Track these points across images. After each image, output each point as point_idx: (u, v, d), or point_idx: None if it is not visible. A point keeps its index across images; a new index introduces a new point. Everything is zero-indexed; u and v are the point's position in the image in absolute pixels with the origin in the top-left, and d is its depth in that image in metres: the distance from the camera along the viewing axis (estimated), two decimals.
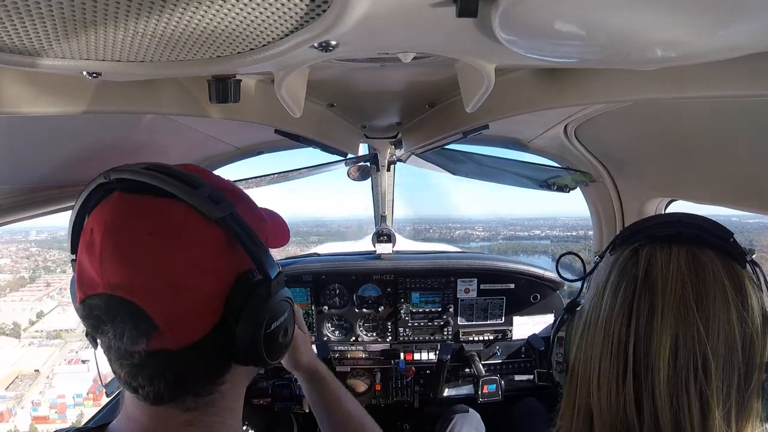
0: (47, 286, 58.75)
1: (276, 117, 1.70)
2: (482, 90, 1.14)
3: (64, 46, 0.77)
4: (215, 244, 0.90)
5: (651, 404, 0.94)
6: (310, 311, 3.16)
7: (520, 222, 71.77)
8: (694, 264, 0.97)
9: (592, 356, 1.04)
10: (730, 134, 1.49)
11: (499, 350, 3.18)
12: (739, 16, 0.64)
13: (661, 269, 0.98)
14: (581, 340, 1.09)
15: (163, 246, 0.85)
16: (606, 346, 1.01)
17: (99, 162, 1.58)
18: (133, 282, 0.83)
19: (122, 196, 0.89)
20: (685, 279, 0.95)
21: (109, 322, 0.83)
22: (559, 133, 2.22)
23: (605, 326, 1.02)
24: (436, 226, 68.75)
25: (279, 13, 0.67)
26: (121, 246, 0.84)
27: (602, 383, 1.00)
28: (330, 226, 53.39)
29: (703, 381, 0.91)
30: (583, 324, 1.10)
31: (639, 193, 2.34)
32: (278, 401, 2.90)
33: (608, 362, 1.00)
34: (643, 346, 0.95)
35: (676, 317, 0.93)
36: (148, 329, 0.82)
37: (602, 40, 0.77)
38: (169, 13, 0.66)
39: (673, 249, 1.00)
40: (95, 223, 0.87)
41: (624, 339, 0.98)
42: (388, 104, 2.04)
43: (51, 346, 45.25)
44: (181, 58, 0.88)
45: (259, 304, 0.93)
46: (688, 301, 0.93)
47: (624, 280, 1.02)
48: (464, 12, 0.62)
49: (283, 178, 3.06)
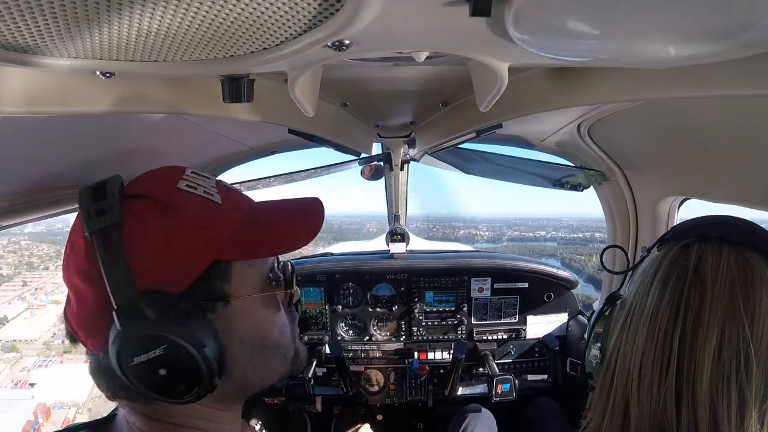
0: (23, 286, 57.04)
1: (289, 116, 1.70)
2: (495, 89, 1.14)
3: (77, 46, 0.78)
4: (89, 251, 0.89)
5: (691, 398, 0.94)
6: (324, 311, 3.17)
7: (525, 222, 71.34)
8: (743, 265, 0.98)
9: (634, 348, 1.04)
10: (745, 132, 1.48)
11: (513, 349, 3.17)
12: (753, 14, 0.64)
13: (712, 266, 0.99)
14: (622, 332, 1.10)
15: (74, 255, 0.89)
16: (651, 337, 1.01)
17: (110, 161, 1.59)
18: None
19: None
20: (735, 278, 0.96)
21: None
22: (572, 132, 2.21)
23: (651, 318, 1.02)
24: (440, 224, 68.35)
25: (292, 12, 0.67)
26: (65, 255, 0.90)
27: (644, 375, 1.01)
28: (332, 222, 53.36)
29: (744, 379, 0.91)
30: (625, 315, 1.11)
31: (653, 192, 2.32)
32: (292, 401, 2.91)
33: (652, 354, 1.00)
34: (689, 340, 0.96)
35: (724, 313, 0.94)
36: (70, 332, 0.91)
37: (615, 38, 0.77)
38: (182, 13, 0.66)
39: (724, 248, 1.01)
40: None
41: (670, 332, 0.98)
42: (401, 103, 2.04)
43: (2, 362, 41.59)
44: (194, 58, 0.89)
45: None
46: (736, 299, 0.94)
47: (674, 274, 1.03)
48: (477, 11, 0.62)
49: (296, 177, 3.07)
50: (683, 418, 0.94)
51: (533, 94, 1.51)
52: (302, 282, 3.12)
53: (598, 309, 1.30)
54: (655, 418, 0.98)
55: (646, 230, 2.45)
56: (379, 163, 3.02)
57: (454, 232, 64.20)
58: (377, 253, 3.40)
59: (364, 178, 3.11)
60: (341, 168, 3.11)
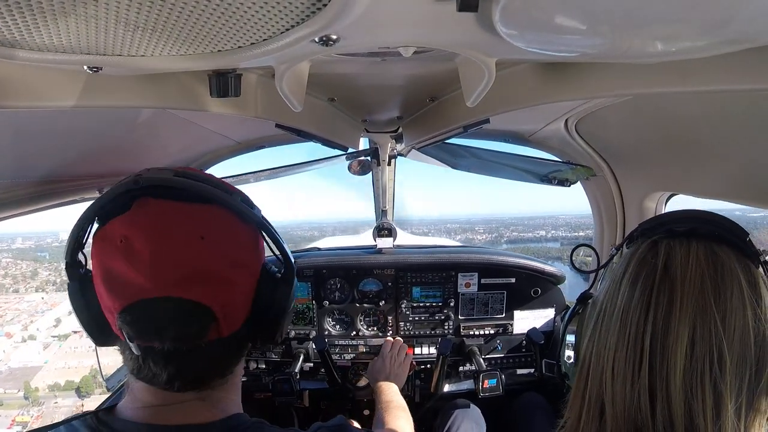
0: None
1: (277, 111, 1.70)
2: (483, 84, 1.14)
3: (64, 40, 0.78)
4: (253, 241, 1.07)
5: (665, 396, 0.94)
6: (311, 305, 3.16)
7: (521, 221, 70.84)
8: (713, 259, 0.98)
9: (606, 347, 1.04)
10: (732, 128, 1.49)
11: (500, 345, 3.18)
12: (739, 10, 0.64)
13: (681, 262, 0.99)
14: (594, 332, 1.10)
15: (213, 247, 0.95)
16: (622, 337, 1.01)
17: (99, 157, 1.59)
18: (192, 282, 0.91)
19: (159, 202, 0.95)
20: (704, 273, 0.96)
21: (171, 323, 0.92)
22: (559, 128, 2.22)
23: (622, 317, 1.02)
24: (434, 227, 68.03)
25: (280, 8, 0.67)
26: (174, 251, 0.92)
27: (617, 374, 1.01)
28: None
29: (718, 375, 0.91)
30: (597, 315, 1.11)
31: (640, 187, 2.34)
32: (279, 396, 2.90)
33: (623, 353, 1.00)
34: (660, 338, 0.96)
35: (694, 310, 0.94)
36: (209, 321, 0.94)
37: (602, 33, 0.77)
38: (170, 7, 0.66)
39: (692, 243, 1.01)
40: (131, 229, 0.92)
41: (641, 330, 0.98)
42: (388, 98, 2.04)
43: None
44: (182, 53, 0.88)
45: (287, 291, 1.11)
46: (707, 294, 0.94)
47: (643, 272, 1.03)
48: (465, 6, 0.62)
49: (284, 172, 3.07)
50: (658, 415, 0.95)
51: (521, 89, 1.51)
52: None
53: (570, 309, 1.31)
54: (630, 416, 0.98)
55: (634, 226, 2.45)
56: (367, 158, 3.02)
57: (451, 236, 63.78)
58: (364, 248, 3.40)
59: (352, 173, 3.11)
60: (329, 163, 3.11)
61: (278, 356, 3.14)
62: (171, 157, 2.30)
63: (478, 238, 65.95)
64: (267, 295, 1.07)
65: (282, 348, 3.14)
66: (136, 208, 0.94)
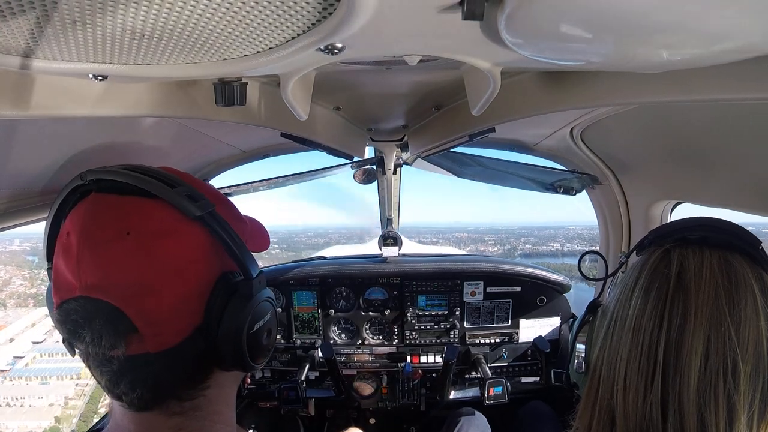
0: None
1: (282, 120, 1.70)
2: (488, 93, 1.14)
3: (70, 49, 0.78)
4: (195, 244, 0.90)
5: (678, 408, 0.93)
6: (317, 314, 3.16)
7: (531, 231, 69.68)
8: (726, 269, 0.96)
9: (618, 358, 1.03)
10: (737, 136, 1.49)
11: (506, 353, 3.17)
12: (745, 19, 0.64)
13: (694, 272, 0.97)
14: (605, 342, 1.08)
15: (141, 245, 0.84)
16: (635, 348, 0.99)
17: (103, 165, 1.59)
18: (110, 283, 0.82)
19: (99, 197, 0.89)
20: (718, 283, 0.95)
21: (86, 326, 0.81)
22: (565, 136, 2.21)
23: (634, 328, 1.00)
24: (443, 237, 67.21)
25: (285, 16, 0.67)
26: (97, 247, 0.83)
27: (629, 385, 0.99)
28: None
29: (732, 386, 0.90)
30: (608, 324, 1.09)
31: (645, 196, 2.33)
32: (285, 404, 2.90)
33: (636, 365, 0.98)
34: (674, 351, 0.94)
35: (709, 321, 0.92)
36: (126, 330, 0.82)
37: (607, 42, 0.77)
38: (176, 15, 0.66)
39: (705, 253, 0.99)
40: (71, 225, 0.87)
41: (655, 342, 0.97)
42: (394, 107, 2.04)
43: None
44: (187, 61, 0.88)
45: (240, 305, 0.92)
46: (721, 305, 0.93)
47: (656, 282, 1.01)
48: (470, 15, 0.62)
49: (289, 181, 3.07)
50: (669, 427, 0.93)
51: (526, 97, 1.51)
52: (295, 285, 3.12)
53: (579, 317, 1.29)
54: (641, 428, 0.97)
55: (639, 235, 2.45)
56: (372, 166, 3.02)
57: (461, 247, 62.66)
58: (370, 256, 3.39)
59: (357, 181, 3.11)
60: (334, 172, 3.11)
61: (283, 365, 3.14)
62: (175, 165, 2.28)
63: (490, 249, 63.54)
64: (216, 311, 0.90)
65: (287, 357, 3.13)
66: (81, 202, 0.90)
